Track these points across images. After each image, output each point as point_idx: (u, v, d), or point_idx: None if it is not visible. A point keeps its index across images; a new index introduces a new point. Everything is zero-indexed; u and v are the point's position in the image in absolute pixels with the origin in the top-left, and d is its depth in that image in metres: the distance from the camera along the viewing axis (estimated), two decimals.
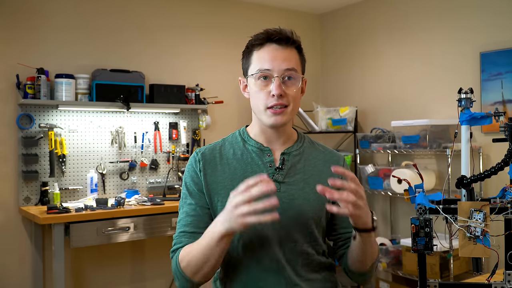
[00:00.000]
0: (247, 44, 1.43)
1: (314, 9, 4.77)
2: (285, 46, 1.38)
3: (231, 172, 1.41)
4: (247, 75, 1.42)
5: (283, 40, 1.37)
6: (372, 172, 3.92)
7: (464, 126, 1.38)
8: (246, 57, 1.43)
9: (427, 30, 3.89)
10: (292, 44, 1.39)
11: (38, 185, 3.43)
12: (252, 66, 1.39)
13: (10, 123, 3.39)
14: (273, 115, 1.36)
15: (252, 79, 1.39)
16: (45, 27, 3.53)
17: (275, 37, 1.37)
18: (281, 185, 1.40)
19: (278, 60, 1.35)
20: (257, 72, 1.37)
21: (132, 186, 3.80)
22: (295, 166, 1.43)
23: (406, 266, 3.59)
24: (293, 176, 1.41)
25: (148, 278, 3.92)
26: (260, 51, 1.38)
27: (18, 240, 3.41)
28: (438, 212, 1.34)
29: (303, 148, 1.47)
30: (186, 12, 4.15)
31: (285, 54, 1.37)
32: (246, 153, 1.45)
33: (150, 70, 3.89)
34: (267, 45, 1.38)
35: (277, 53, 1.36)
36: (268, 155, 1.43)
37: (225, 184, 1.40)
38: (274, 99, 1.35)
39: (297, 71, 1.38)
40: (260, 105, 1.38)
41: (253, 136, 1.47)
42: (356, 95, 4.49)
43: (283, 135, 1.45)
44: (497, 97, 3.39)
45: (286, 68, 1.36)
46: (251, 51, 1.40)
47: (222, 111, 4.22)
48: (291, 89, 1.37)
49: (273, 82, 1.35)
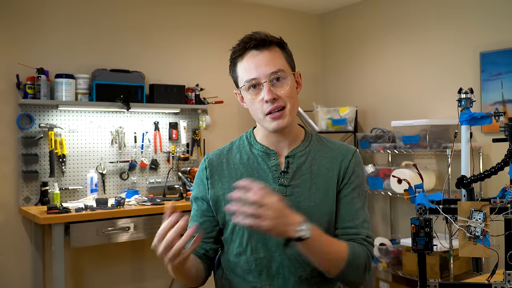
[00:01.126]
0: (229, 58, 1.43)
1: (314, 9, 4.77)
2: (263, 48, 1.37)
3: (238, 177, 1.41)
4: (239, 87, 1.42)
5: (260, 44, 1.36)
6: (372, 172, 3.92)
7: (464, 126, 1.38)
8: (232, 70, 1.44)
9: (427, 30, 3.89)
10: (270, 44, 1.38)
11: (38, 185, 3.43)
12: (240, 78, 1.40)
13: (10, 123, 3.39)
14: (274, 120, 1.36)
15: (244, 91, 1.40)
16: (45, 27, 3.53)
17: (250, 44, 1.36)
18: (287, 188, 1.39)
19: (262, 65, 1.35)
20: (245, 83, 1.37)
21: (132, 186, 3.80)
22: (300, 167, 1.41)
23: (406, 266, 3.59)
24: (299, 178, 1.40)
25: (148, 278, 3.92)
26: (243, 62, 1.38)
27: (18, 240, 3.41)
28: (438, 212, 1.34)
29: (310, 147, 1.45)
30: (186, 12, 4.14)
31: (267, 57, 1.36)
32: (252, 157, 1.44)
33: (150, 70, 3.89)
34: (246, 53, 1.37)
35: (258, 59, 1.36)
36: (273, 158, 1.42)
37: (232, 189, 1.40)
38: (268, 104, 1.35)
39: (284, 70, 1.37)
40: (259, 113, 1.38)
41: (259, 140, 1.46)
42: (356, 95, 4.49)
43: (288, 137, 1.44)
44: (497, 97, 3.39)
45: (272, 72, 1.35)
46: (235, 63, 1.41)
47: (222, 111, 4.22)
48: (283, 89, 1.36)
49: (263, 88, 1.35)
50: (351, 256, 1.29)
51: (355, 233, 1.37)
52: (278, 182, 1.39)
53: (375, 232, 4.25)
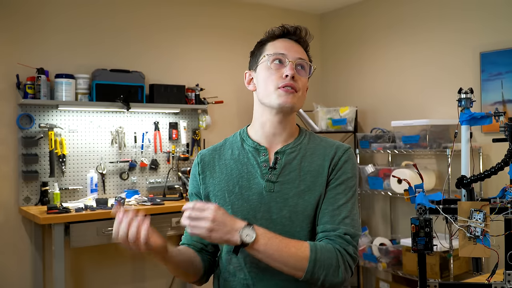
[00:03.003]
0: (261, 39, 1.48)
1: (314, 9, 4.77)
2: (296, 42, 1.45)
3: (228, 173, 1.42)
4: (258, 63, 1.44)
5: (295, 36, 1.45)
6: (372, 172, 3.92)
7: (464, 126, 1.38)
8: (258, 48, 1.47)
9: (427, 30, 3.89)
10: (303, 44, 1.46)
11: (38, 185, 3.43)
12: (266, 52, 1.43)
13: (10, 123, 3.39)
14: (284, 94, 1.37)
15: (264, 64, 1.42)
16: (45, 27, 3.53)
17: (290, 30, 1.44)
18: (274, 184, 1.38)
19: (292, 50, 1.42)
20: (273, 54, 1.41)
21: (132, 186, 3.80)
22: (289, 163, 1.40)
23: (406, 266, 3.59)
24: (287, 175, 1.39)
25: (148, 278, 3.92)
26: (275, 42, 1.44)
27: (18, 240, 3.41)
28: (438, 212, 1.34)
29: (301, 145, 1.44)
30: (186, 13, 4.14)
31: (297, 47, 1.44)
32: (243, 153, 1.45)
33: (150, 70, 3.89)
34: (280, 39, 1.45)
35: (291, 45, 1.43)
36: (263, 154, 1.42)
37: (221, 185, 1.42)
38: (287, 79, 1.37)
39: (308, 62, 1.44)
40: (270, 86, 1.39)
41: (252, 135, 1.47)
42: (356, 95, 4.49)
43: (285, 131, 1.43)
44: (497, 97, 3.39)
45: (299, 57, 1.42)
46: (265, 43, 1.46)
47: (222, 111, 4.22)
48: (302, 78, 1.41)
49: (287, 65, 1.39)
50: (313, 255, 1.24)
51: (332, 229, 1.31)
52: (265, 178, 1.39)
53: (375, 232, 4.25)
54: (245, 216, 1.35)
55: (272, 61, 1.40)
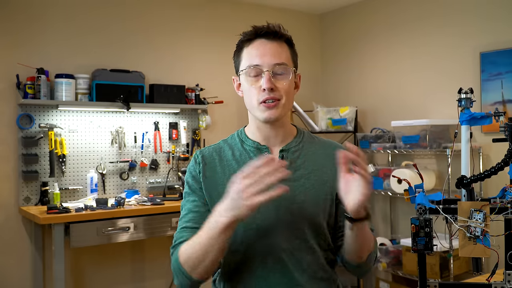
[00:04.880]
0: (237, 42, 1.44)
1: (314, 9, 4.77)
2: (273, 40, 1.38)
3: (230, 173, 1.40)
4: (239, 72, 1.43)
5: (271, 34, 1.38)
6: (372, 172, 3.92)
7: (464, 126, 1.38)
8: (237, 54, 1.45)
9: (427, 30, 3.89)
10: (281, 38, 1.40)
11: (38, 185, 3.43)
12: (243, 62, 1.41)
13: (10, 123, 3.39)
14: (266, 110, 1.36)
15: (243, 76, 1.41)
16: (45, 27, 3.53)
17: (262, 31, 1.38)
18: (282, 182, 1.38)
19: (268, 55, 1.36)
20: (247, 68, 1.38)
21: (132, 186, 3.80)
22: (294, 162, 1.41)
23: (406, 266, 3.59)
24: (293, 173, 1.39)
25: (148, 278, 3.92)
26: (250, 47, 1.39)
27: (18, 240, 3.41)
28: (438, 212, 1.34)
29: (303, 143, 1.46)
30: (186, 13, 4.14)
31: (274, 49, 1.37)
32: (244, 153, 1.44)
33: (150, 70, 3.89)
34: (256, 40, 1.39)
35: (266, 48, 1.37)
36: (265, 153, 1.42)
37: (224, 186, 1.40)
38: (265, 93, 1.35)
39: (287, 65, 1.39)
40: (253, 101, 1.38)
41: (250, 136, 1.47)
42: (356, 95, 4.49)
43: (281, 132, 1.44)
44: (497, 97, 3.39)
45: (276, 63, 1.36)
46: (241, 48, 1.42)
47: (222, 111, 4.22)
48: (282, 83, 1.37)
49: (263, 76, 1.36)
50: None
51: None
52: None
53: (375, 232, 4.24)
54: (266, 211, 1.34)
55: (249, 74, 1.38)
